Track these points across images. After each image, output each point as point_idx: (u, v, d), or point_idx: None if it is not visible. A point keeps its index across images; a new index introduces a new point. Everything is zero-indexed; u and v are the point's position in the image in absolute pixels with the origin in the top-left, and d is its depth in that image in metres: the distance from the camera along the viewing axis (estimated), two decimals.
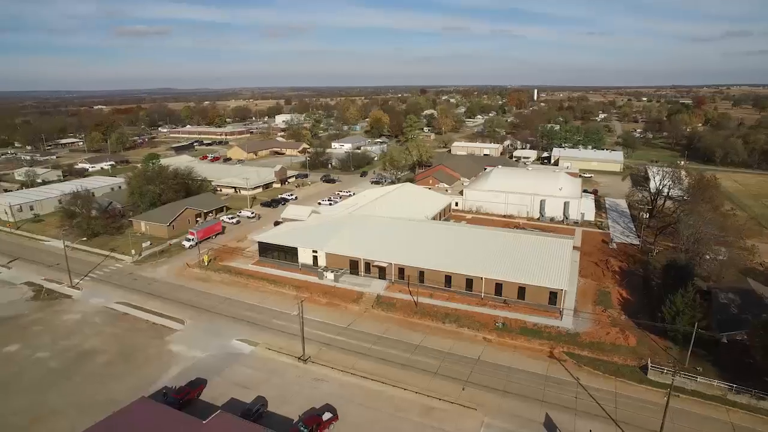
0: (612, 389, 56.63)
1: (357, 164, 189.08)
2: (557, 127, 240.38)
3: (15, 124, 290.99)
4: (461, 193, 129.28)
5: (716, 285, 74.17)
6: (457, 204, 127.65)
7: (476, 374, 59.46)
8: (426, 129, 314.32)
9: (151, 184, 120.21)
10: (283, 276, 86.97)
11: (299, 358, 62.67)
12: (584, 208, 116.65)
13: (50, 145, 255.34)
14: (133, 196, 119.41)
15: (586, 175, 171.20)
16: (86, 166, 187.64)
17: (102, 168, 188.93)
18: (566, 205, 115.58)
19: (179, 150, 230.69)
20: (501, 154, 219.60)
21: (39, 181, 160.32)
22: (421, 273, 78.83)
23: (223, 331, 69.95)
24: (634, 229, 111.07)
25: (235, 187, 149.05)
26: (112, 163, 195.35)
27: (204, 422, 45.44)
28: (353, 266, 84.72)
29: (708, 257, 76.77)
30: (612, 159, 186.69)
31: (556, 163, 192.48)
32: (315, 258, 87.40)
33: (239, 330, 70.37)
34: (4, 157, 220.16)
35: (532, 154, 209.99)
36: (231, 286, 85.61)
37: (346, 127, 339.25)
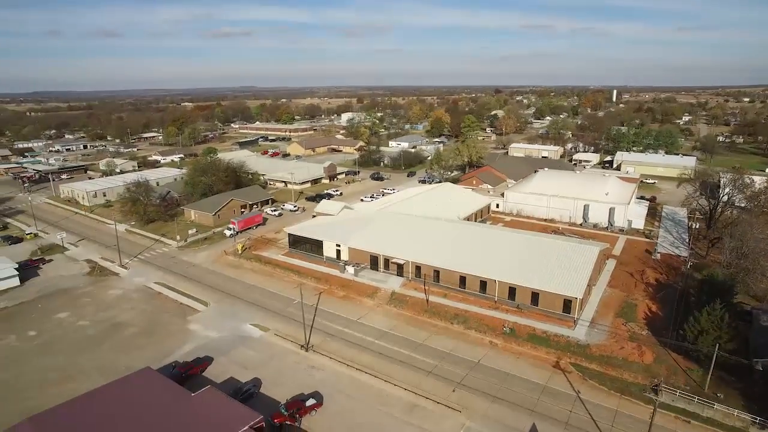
0: (614, 407, 53.17)
1: (408, 163, 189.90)
2: (624, 130, 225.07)
3: (109, 120, 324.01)
4: (503, 195, 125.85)
5: (762, 306, 66.69)
6: (498, 206, 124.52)
7: (471, 377, 58.40)
8: (488, 130, 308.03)
9: (204, 175, 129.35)
10: (308, 267, 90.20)
11: (302, 346, 65.09)
12: (632, 215, 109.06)
13: (134, 139, 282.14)
14: (187, 186, 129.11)
15: (648, 181, 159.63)
16: (158, 158, 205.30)
17: (172, 160, 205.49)
18: (611, 211, 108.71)
19: (243, 145, 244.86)
20: (561, 157, 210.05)
21: (117, 170, 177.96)
22: (437, 272, 78.38)
23: (240, 315, 74.25)
24: (687, 240, 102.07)
25: (284, 182, 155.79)
26: (182, 155, 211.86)
27: (192, 395, 49.04)
28: (373, 262, 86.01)
29: (758, 274, 69.04)
30: (681, 164, 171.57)
31: (618, 168, 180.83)
32: (338, 252, 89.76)
33: (255, 315, 74.30)
34: (95, 149, 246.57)
35: (594, 157, 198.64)
36: (259, 274, 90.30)
37: (407, 126, 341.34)
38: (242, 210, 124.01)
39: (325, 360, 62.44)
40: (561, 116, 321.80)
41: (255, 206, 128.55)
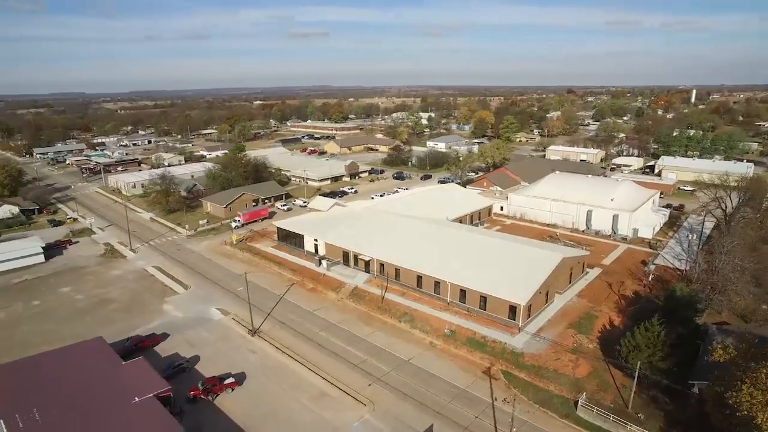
0: (526, 418, 52.03)
1: (434, 163, 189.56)
2: (677, 133, 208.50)
3: (175, 118, 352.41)
4: (507, 197, 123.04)
5: (720, 325, 61.34)
6: (502, 208, 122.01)
7: (393, 374, 59.53)
8: (536, 131, 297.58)
9: (225, 170, 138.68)
10: (289, 260, 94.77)
11: (249, 331, 69.51)
12: (639, 223, 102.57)
13: (193, 135, 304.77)
14: (209, 180, 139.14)
15: (686, 188, 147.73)
16: (204, 153, 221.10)
17: (217, 155, 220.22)
18: (615, 218, 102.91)
19: (285, 142, 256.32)
20: (602, 160, 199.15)
21: (165, 164, 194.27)
22: (397, 270, 79.56)
23: (211, 299, 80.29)
24: (696, 251, 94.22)
25: (304, 178, 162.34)
26: (226, 151, 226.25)
27: (123, 363, 55.06)
28: (345, 258, 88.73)
29: (729, 292, 63.41)
30: (732, 171, 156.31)
31: (659, 174, 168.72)
32: (316, 246, 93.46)
33: (224, 300, 79.94)
34: (157, 144, 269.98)
35: (635, 162, 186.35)
36: (246, 263, 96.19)
37: (455, 126, 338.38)
38: (254, 204, 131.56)
39: (265, 345, 66.38)
40: (611, 119, 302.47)
41: (267, 201, 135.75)
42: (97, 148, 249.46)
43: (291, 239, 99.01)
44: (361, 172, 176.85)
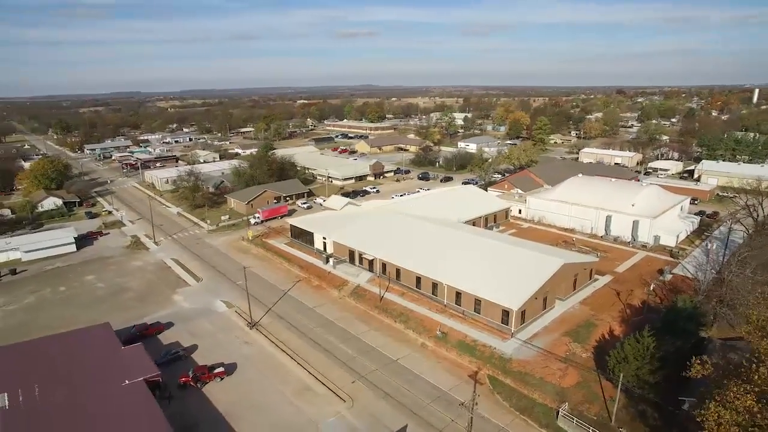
0: (504, 425, 51.45)
1: (461, 164, 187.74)
2: (724, 136, 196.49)
3: (217, 116, 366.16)
4: (526, 200, 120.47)
5: (733, 340, 57.87)
6: (520, 211, 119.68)
7: (379, 373, 60.14)
8: (573, 133, 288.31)
9: (251, 168, 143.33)
10: (299, 257, 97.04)
11: (248, 324, 72.00)
12: (661, 230, 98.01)
13: (233, 133, 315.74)
14: (235, 177, 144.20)
15: (727, 195, 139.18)
16: (239, 150, 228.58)
17: (251, 153, 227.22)
18: (635, 224, 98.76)
19: (318, 141, 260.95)
20: (639, 164, 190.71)
21: (201, 160, 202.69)
22: (398, 271, 79.94)
23: (219, 292, 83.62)
24: (721, 261, 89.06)
25: (329, 177, 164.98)
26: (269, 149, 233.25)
27: (122, 348, 58.62)
28: (351, 256, 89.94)
29: (737, 305, 59.84)
30: None
31: (697, 179, 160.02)
32: (324, 244, 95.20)
33: (231, 293, 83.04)
34: (196, 141, 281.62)
35: (673, 166, 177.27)
36: (259, 259, 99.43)
37: (490, 127, 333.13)
38: (275, 201, 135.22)
39: (260, 338, 68.60)
40: (656, 120, 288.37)
41: (289, 198, 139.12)
42: (140, 144, 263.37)
43: (302, 237, 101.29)
44: (386, 172, 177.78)
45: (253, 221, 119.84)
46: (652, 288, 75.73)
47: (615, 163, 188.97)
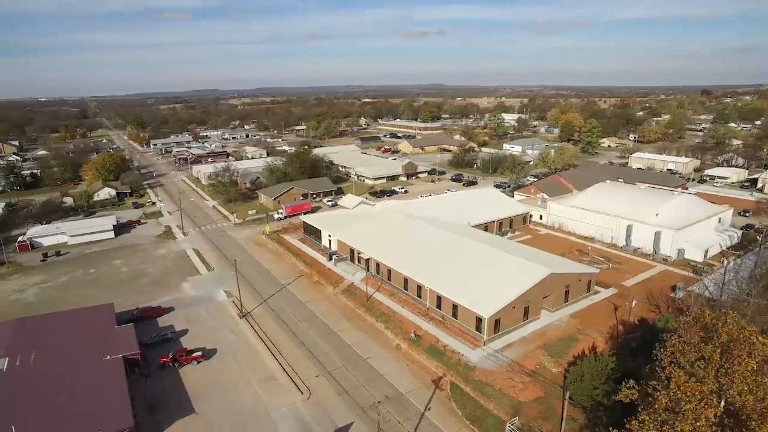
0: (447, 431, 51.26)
1: (496, 167, 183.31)
2: None
3: (276, 113, 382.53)
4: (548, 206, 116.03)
5: None
6: (541, 217, 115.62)
7: (344, 369, 61.70)
8: (631, 136, 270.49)
9: (285, 165, 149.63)
10: (307, 252, 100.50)
11: (239, 314, 76.23)
12: (689, 243, 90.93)
13: (287, 130, 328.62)
14: (268, 173, 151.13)
15: None
16: (285, 147, 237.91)
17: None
18: (657, 235, 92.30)
19: (364, 140, 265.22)
20: (696, 170, 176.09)
21: (248, 156, 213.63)
22: (389, 271, 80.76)
23: (225, 282, 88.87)
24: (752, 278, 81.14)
25: (362, 176, 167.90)
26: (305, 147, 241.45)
27: (116, 327, 64.70)
28: (351, 255, 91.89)
29: None
30: None
31: (761, 189, 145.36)
32: (330, 242, 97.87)
33: (235, 284, 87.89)
34: (250, 137, 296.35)
35: (735, 173, 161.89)
36: (272, 253, 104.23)
37: (543, 129, 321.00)
38: (302, 198, 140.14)
39: (246, 327, 72.48)
40: (735, 123, 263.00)
41: (317, 196, 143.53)
42: (200, 140, 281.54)
43: (313, 234, 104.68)
44: (420, 173, 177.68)
45: (276, 216, 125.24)
46: (634, 304, 70.90)
47: (668, 170, 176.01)
